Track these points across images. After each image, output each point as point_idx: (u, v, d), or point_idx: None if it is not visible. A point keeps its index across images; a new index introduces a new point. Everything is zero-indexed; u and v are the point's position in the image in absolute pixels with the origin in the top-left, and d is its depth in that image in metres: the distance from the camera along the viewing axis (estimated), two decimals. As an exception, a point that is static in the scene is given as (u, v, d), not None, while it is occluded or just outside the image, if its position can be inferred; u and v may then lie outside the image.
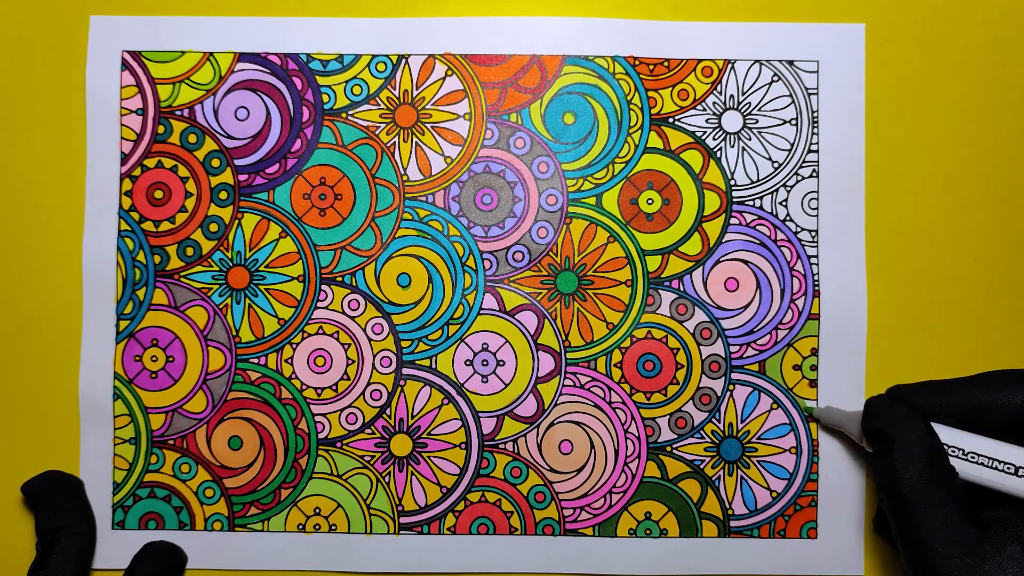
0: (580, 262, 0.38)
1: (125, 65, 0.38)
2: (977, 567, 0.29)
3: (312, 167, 0.38)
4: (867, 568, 0.37)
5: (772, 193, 0.38)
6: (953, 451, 0.32)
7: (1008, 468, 0.31)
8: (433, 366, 0.38)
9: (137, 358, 0.38)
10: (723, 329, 0.38)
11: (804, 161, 0.38)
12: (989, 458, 0.31)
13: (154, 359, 0.38)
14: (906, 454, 0.31)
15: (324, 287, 0.38)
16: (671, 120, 0.38)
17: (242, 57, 0.38)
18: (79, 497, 0.37)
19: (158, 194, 0.38)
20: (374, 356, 0.38)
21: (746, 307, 0.38)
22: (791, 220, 0.38)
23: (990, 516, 0.31)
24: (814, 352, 0.38)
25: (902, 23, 0.38)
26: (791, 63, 0.38)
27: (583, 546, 0.38)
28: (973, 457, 0.31)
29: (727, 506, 0.38)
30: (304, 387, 0.38)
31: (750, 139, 0.38)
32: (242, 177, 0.38)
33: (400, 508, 0.38)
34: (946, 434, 0.32)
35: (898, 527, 0.31)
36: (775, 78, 0.38)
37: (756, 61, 0.38)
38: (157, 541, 0.37)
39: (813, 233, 0.38)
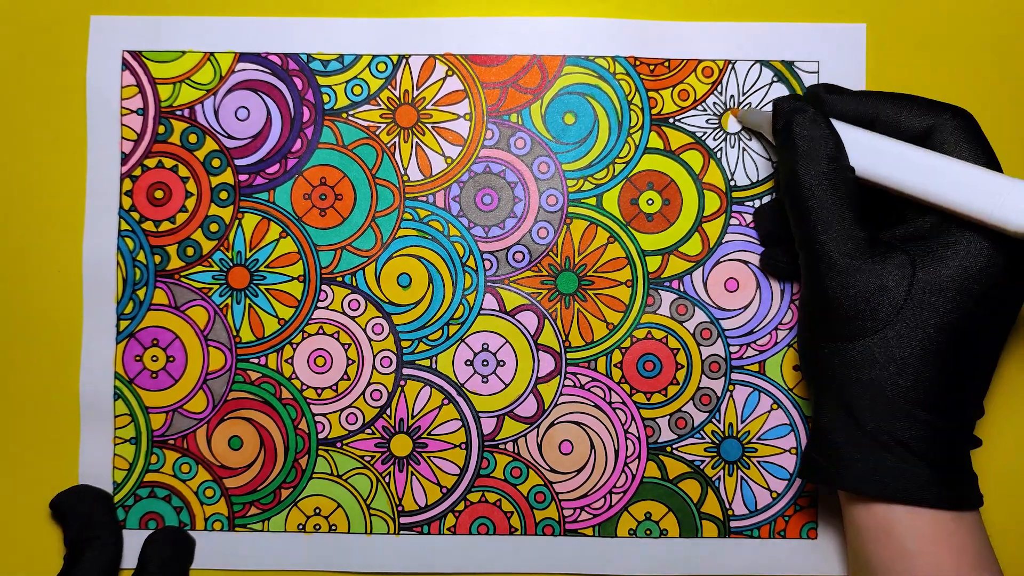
0: (580, 262, 0.38)
1: (126, 65, 0.38)
2: (865, 267, 0.30)
3: (312, 167, 0.38)
4: (867, 568, 0.38)
5: (772, 194, 0.38)
6: (853, 145, 0.32)
7: (920, 157, 0.31)
8: (433, 366, 0.38)
9: (137, 358, 0.38)
10: (723, 329, 0.38)
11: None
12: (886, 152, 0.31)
13: (154, 359, 0.38)
14: (808, 154, 0.31)
15: (324, 287, 0.38)
16: (671, 120, 0.38)
17: (242, 57, 0.38)
18: (107, 510, 0.37)
19: (158, 194, 0.38)
20: (374, 356, 0.38)
21: (746, 307, 0.38)
22: (791, 220, 0.38)
23: (885, 235, 0.32)
24: (814, 352, 0.38)
25: (903, 23, 0.38)
26: (791, 63, 0.38)
27: (583, 546, 0.38)
28: (873, 153, 0.31)
29: (727, 506, 0.38)
30: (304, 387, 0.38)
31: (750, 139, 0.38)
32: (242, 177, 0.38)
33: (400, 508, 0.38)
34: (848, 132, 0.32)
35: (796, 223, 0.32)
36: (775, 78, 0.38)
37: (757, 61, 0.38)
38: (166, 527, 0.38)
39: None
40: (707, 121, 0.38)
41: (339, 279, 0.38)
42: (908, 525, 0.30)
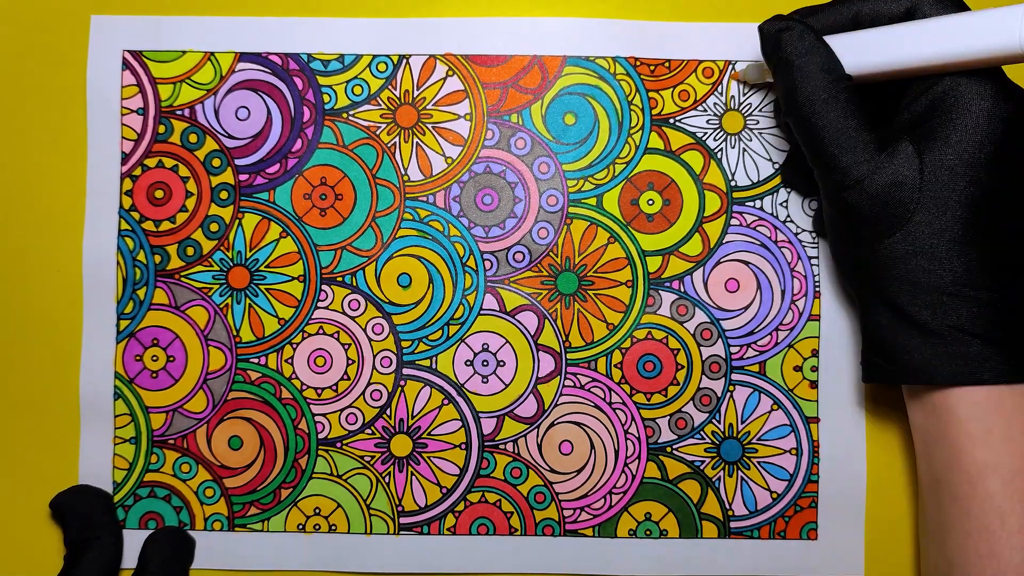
0: (580, 263, 0.38)
1: (126, 65, 0.38)
2: (877, 169, 0.30)
3: (313, 167, 0.38)
4: (867, 569, 0.37)
5: (773, 194, 0.38)
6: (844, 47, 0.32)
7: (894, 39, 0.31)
8: (433, 366, 0.38)
9: (137, 358, 0.38)
10: (723, 330, 0.38)
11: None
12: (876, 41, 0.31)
13: (154, 359, 0.38)
14: (803, 71, 0.32)
15: (324, 287, 0.38)
16: (672, 121, 0.38)
17: (243, 57, 0.38)
18: (107, 510, 0.37)
19: (159, 194, 0.38)
20: (374, 356, 0.38)
21: (746, 308, 0.38)
22: (792, 221, 0.38)
23: (887, 130, 0.32)
24: (815, 353, 0.38)
25: (903, 24, 0.38)
26: (792, 64, 0.38)
27: (583, 547, 0.38)
28: (866, 48, 0.32)
29: (727, 507, 0.38)
30: (304, 387, 0.38)
31: (751, 140, 0.38)
32: (243, 177, 0.38)
33: (400, 508, 0.38)
34: (836, 39, 0.32)
35: (805, 141, 0.32)
36: (776, 79, 0.38)
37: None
38: (166, 527, 0.38)
39: (814, 234, 0.38)
40: (707, 121, 0.38)
41: (339, 279, 0.38)
42: (967, 402, 0.30)
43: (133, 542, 0.38)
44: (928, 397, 0.32)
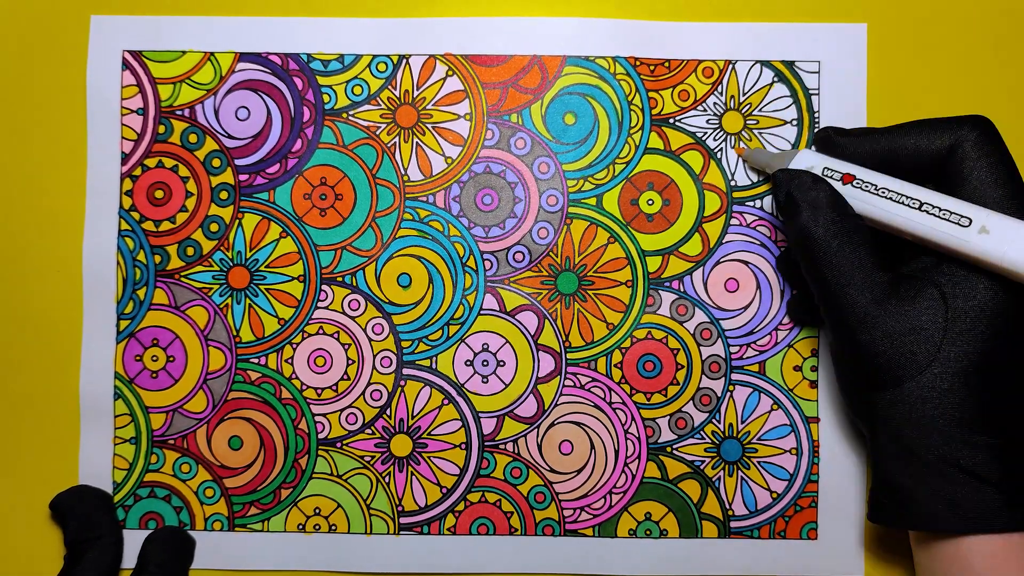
0: (580, 263, 0.38)
1: (126, 65, 0.38)
2: (895, 312, 0.30)
3: (313, 167, 0.38)
4: (867, 569, 0.37)
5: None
6: (867, 186, 0.32)
7: (913, 203, 0.31)
8: (433, 366, 0.38)
9: (137, 358, 0.38)
10: (723, 330, 0.38)
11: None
12: (898, 193, 0.31)
13: (154, 359, 0.38)
14: (813, 212, 0.31)
15: (324, 287, 0.38)
16: (672, 121, 0.38)
17: (243, 57, 0.38)
18: (107, 510, 0.37)
19: (159, 194, 0.38)
20: (374, 356, 0.38)
21: (746, 308, 0.38)
22: (792, 221, 0.38)
23: (908, 269, 0.32)
24: (814, 353, 0.38)
25: (903, 23, 0.38)
26: (792, 63, 0.38)
27: (583, 547, 0.38)
28: (884, 192, 0.31)
29: (727, 507, 0.38)
30: (304, 387, 0.38)
31: (751, 140, 0.38)
32: (243, 177, 0.38)
33: (400, 508, 0.38)
34: (860, 173, 0.32)
35: (816, 282, 0.32)
36: (776, 78, 0.38)
37: (757, 62, 0.38)
38: (165, 526, 0.37)
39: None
40: (707, 121, 0.38)
41: (339, 279, 0.38)
42: (977, 550, 0.30)
43: (133, 542, 0.38)
44: (940, 545, 0.31)
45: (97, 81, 0.38)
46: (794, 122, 0.38)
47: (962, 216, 0.30)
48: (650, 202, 0.38)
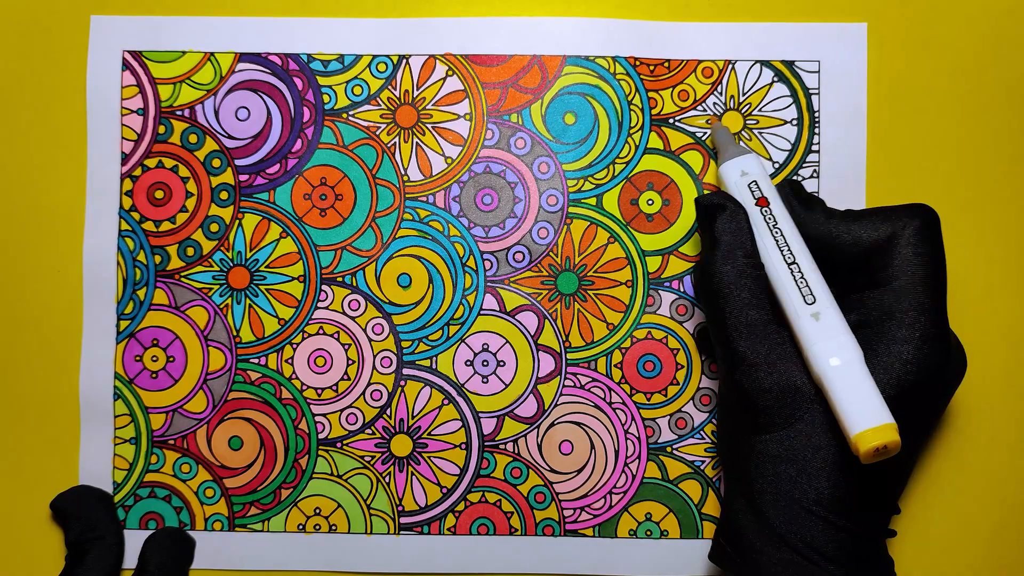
0: (580, 263, 0.38)
1: (126, 65, 0.38)
2: (777, 363, 0.30)
3: (313, 167, 0.38)
4: (867, 569, 0.37)
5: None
6: (768, 219, 0.32)
7: (788, 257, 0.32)
8: (433, 366, 0.38)
9: (137, 358, 0.38)
10: (723, 330, 0.38)
11: (805, 161, 0.38)
12: (785, 242, 0.32)
13: (154, 359, 0.38)
14: (727, 247, 0.31)
15: (324, 287, 0.38)
16: (671, 121, 0.38)
17: (243, 57, 0.38)
18: (108, 510, 0.37)
19: (159, 194, 0.38)
20: (374, 356, 0.38)
21: (746, 308, 0.38)
22: (792, 221, 0.38)
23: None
24: (814, 353, 0.38)
25: (903, 23, 0.38)
26: (792, 63, 0.38)
27: (583, 547, 0.38)
28: (776, 233, 0.32)
29: (727, 507, 0.38)
30: (304, 387, 0.38)
31: (750, 139, 0.38)
32: (243, 177, 0.38)
33: (400, 508, 0.38)
34: (775, 206, 0.33)
35: (710, 315, 0.32)
36: (776, 78, 0.38)
37: (757, 62, 0.38)
38: (165, 527, 0.37)
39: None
40: (707, 121, 0.38)
41: (339, 279, 0.38)
42: None
43: (133, 542, 0.38)
44: None
45: (97, 81, 0.38)
46: (794, 122, 0.38)
47: (811, 293, 0.31)
48: (650, 202, 0.38)
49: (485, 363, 0.38)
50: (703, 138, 0.38)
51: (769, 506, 0.30)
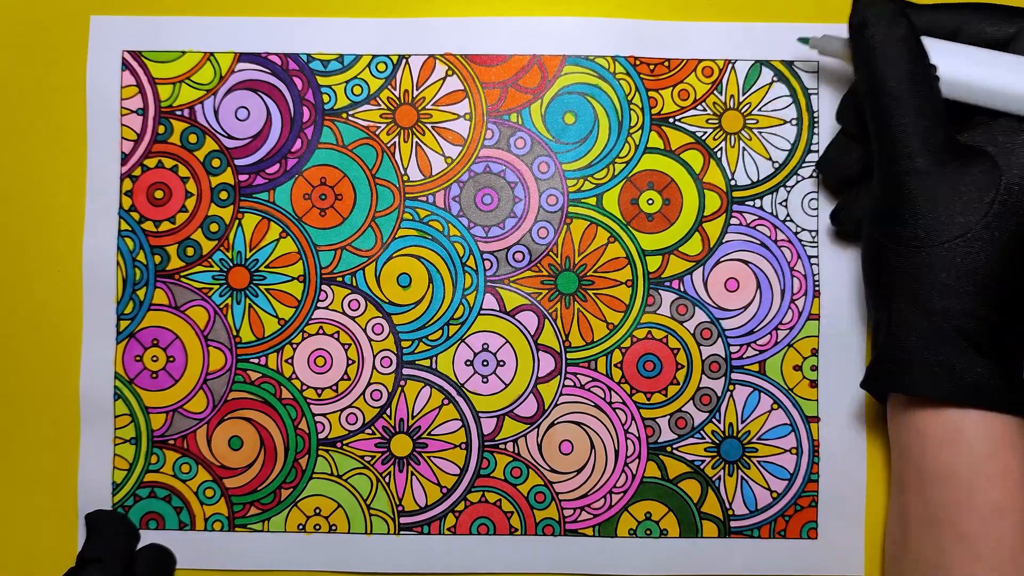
0: (580, 262, 0.38)
1: (125, 65, 0.38)
2: (949, 172, 0.29)
3: (312, 167, 0.38)
4: (867, 568, 0.37)
5: (772, 193, 0.38)
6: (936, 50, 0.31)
7: (988, 58, 0.30)
8: (433, 366, 0.38)
9: (137, 358, 0.38)
10: (723, 329, 0.38)
11: (804, 161, 0.38)
12: (971, 56, 0.30)
13: (154, 359, 0.38)
14: (887, 56, 0.30)
15: (324, 287, 0.38)
16: (671, 120, 0.38)
17: (242, 57, 0.38)
18: (124, 540, 0.37)
19: (158, 194, 0.38)
20: (374, 356, 0.38)
21: (746, 307, 0.38)
22: (791, 220, 0.38)
23: (967, 136, 0.31)
24: (814, 352, 0.38)
25: (903, 23, 0.38)
26: (791, 63, 0.38)
27: (583, 546, 0.38)
28: (955, 55, 0.31)
29: (727, 506, 0.38)
30: (304, 387, 0.38)
31: (750, 139, 0.38)
32: (242, 177, 0.38)
33: (400, 508, 0.38)
34: (931, 41, 0.31)
35: (878, 128, 0.31)
36: (775, 78, 0.38)
37: (757, 61, 0.38)
38: (151, 544, 0.37)
39: (813, 233, 0.38)
40: (707, 121, 0.38)
41: (339, 279, 0.38)
42: (978, 429, 0.30)
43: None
44: (933, 419, 0.31)
45: (97, 81, 0.38)
46: (794, 122, 0.38)
47: None
48: (650, 201, 0.38)
49: (485, 363, 0.38)
50: (703, 137, 0.38)
51: (940, 313, 0.30)
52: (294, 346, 0.38)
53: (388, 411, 0.38)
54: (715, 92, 0.38)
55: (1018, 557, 0.29)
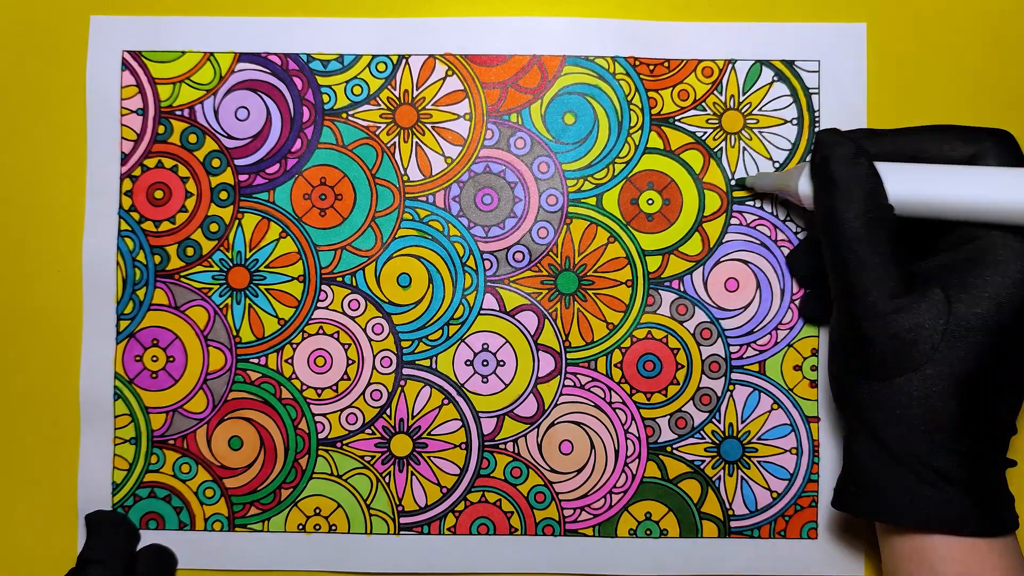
0: (580, 262, 0.38)
1: (125, 65, 0.38)
2: (901, 307, 0.30)
3: (312, 167, 0.38)
4: (867, 569, 0.37)
5: (773, 194, 0.38)
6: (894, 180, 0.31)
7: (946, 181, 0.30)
8: (433, 366, 0.38)
9: (137, 358, 0.38)
10: (723, 329, 0.38)
11: (804, 161, 0.38)
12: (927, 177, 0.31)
13: (154, 359, 0.38)
14: (848, 193, 0.31)
15: (324, 287, 0.38)
16: (671, 120, 0.38)
17: (242, 57, 0.38)
18: (125, 541, 0.37)
19: (158, 194, 0.38)
20: (374, 356, 0.38)
21: (746, 307, 0.38)
22: (791, 220, 0.38)
23: (918, 268, 0.31)
24: (814, 352, 0.38)
25: (903, 23, 0.38)
26: (792, 63, 0.38)
27: (583, 546, 0.38)
28: (915, 180, 0.31)
29: (727, 506, 0.38)
30: (304, 387, 0.38)
31: (750, 139, 0.38)
32: (242, 177, 0.38)
33: (400, 508, 0.38)
34: (887, 166, 0.32)
35: (832, 264, 0.32)
36: (776, 78, 0.38)
37: (757, 61, 0.38)
38: (151, 544, 0.37)
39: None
40: (707, 121, 0.38)
41: (339, 279, 0.38)
42: (942, 551, 0.30)
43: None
44: (903, 542, 0.31)
45: (97, 81, 0.38)
46: (794, 121, 0.38)
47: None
48: (650, 202, 0.38)
49: (485, 363, 0.38)
50: (703, 137, 0.38)
51: (896, 443, 0.30)
52: (294, 346, 0.38)
53: (388, 411, 0.38)
54: (715, 92, 0.38)
55: None
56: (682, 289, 0.38)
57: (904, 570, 0.31)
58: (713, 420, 0.38)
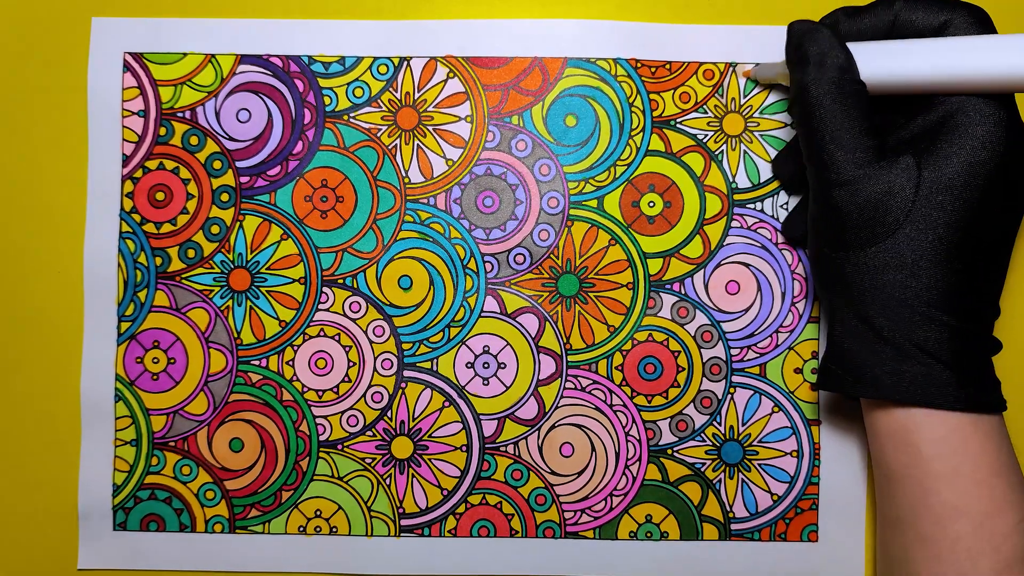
0: (581, 265, 0.38)
1: (127, 67, 0.38)
2: (872, 174, 0.30)
3: (313, 169, 0.38)
4: (868, 571, 0.38)
5: (773, 196, 0.38)
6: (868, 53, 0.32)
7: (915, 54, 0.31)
8: (434, 368, 0.38)
9: (138, 360, 0.38)
10: (724, 332, 0.38)
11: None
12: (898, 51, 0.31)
13: (155, 361, 0.38)
14: (819, 69, 0.31)
15: (325, 289, 0.38)
16: (673, 123, 0.38)
17: (244, 59, 0.38)
18: None
19: (159, 196, 0.38)
20: (375, 358, 0.38)
21: (747, 310, 0.38)
22: (792, 223, 0.38)
23: (891, 140, 0.32)
24: (815, 355, 0.38)
25: (904, 26, 0.38)
26: (793, 66, 0.38)
27: (584, 549, 0.38)
28: (886, 54, 0.31)
29: (728, 509, 0.38)
30: (305, 389, 0.38)
31: (751, 142, 0.38)
32: (244, 179, 0.38)
33: (401, 510, 0.38)
34: (860, 45, 0.32)
35: (806, 139, 0.32)
36: (777, 81, 0.38)
37: (757, 63, 0.38)
38: None
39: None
40: (708, 123, 0.38)
41: (340, 281, 0.38)
42: (925, 429, 0.30)
43: (134, 544, 0.38)
44: (887, 418, 0.31)
45: (98, 83, 0.38)
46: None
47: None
48: (651, 204, 0.38)
49: (486, 365, 0.38)
50: (704, 140, 0.38)
51: (878, 315, 0.31)
52: (295, 348, 0.38)
53: (389, 413, 0.38)
54: (716, 95, 0.38)
55: (977, 560, 0.29)
56: (683, 292, 0.38)
57: (888, 450, 0.31)
58: (714, 423, 0.38)
